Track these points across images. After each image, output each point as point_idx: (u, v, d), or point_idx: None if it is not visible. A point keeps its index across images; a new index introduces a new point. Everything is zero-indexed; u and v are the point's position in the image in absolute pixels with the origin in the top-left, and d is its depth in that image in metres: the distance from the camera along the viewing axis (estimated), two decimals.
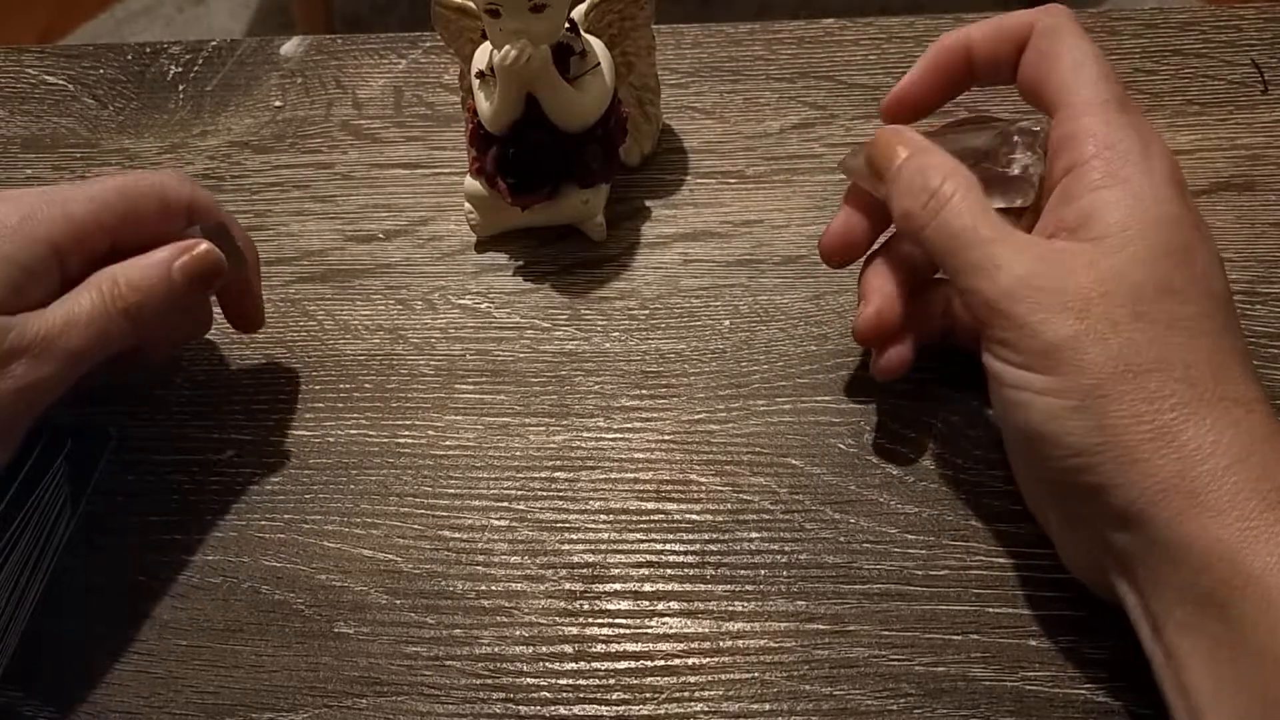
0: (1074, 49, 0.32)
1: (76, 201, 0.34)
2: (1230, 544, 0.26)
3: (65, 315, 0.33)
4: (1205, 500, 0.26)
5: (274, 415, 0.39)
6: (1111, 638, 0.31)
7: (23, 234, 0.32)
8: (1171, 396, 0.27)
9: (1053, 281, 0.29)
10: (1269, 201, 0.42)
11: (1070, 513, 0.31)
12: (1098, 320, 0.28)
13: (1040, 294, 0.29)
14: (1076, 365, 0.28)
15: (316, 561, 0.36)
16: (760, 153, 0.46)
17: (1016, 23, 0.34)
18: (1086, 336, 0.28)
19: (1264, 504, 0.26)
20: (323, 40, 0.53)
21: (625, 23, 0.42)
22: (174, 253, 0.35)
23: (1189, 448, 0.27)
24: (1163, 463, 0.27)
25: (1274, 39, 0.48)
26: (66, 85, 0.52)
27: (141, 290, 0.34)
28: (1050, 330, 0.28)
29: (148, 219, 0.35)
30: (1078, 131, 0.31)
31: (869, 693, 0.32)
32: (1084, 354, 0.28)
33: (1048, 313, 0.28)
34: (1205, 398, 0.27)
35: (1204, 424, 0.27)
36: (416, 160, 0.47)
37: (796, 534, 0.35)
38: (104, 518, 0.37)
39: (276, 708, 0.33)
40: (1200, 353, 0.28)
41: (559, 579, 0.35)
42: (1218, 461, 0.26)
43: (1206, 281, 0.29)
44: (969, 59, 0.35)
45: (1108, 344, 0.28)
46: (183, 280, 0.35)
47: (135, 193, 0.35)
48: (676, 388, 0.39)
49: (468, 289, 0.43)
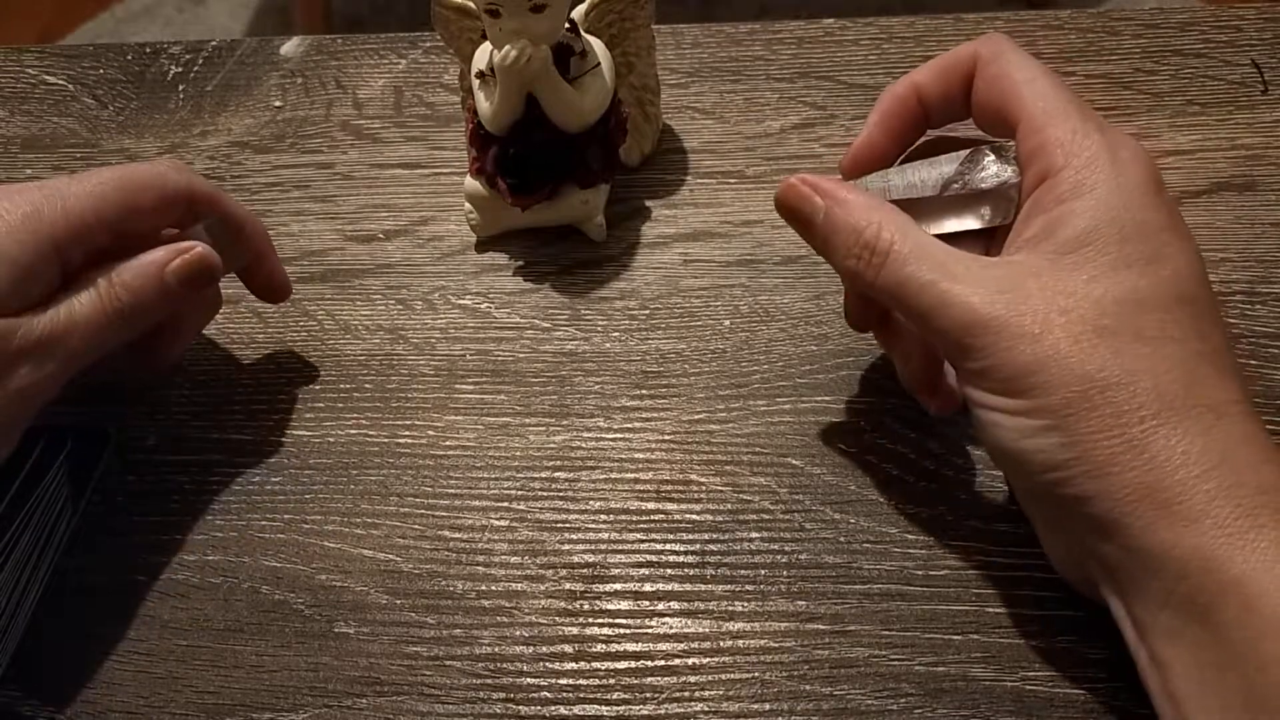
0: (1022, 68, 0.32)
1: (76, 197, 0.34)
2: (1206, 552, 0.26)
3: (68, 316, 0.33)
4: (1179, 509, 0.26)
5: (274, 415, 0.39)
6: (1111, 638, 0.31)
7: (25, 232, 0.32)
8: (1140, 409, 0.27)
9: (1008, 309, 0.28)
10: (1269, 201, 0.42)
11: (1053, 522, 0.31)
12: (1059, 340, 0.28)
13: (997, 324, 0.28)
14: (1042, 387, 0.28)
15: (316, 561, 0.36)
16: (760, 153, 0.46)
17: (959, 57, 0.33)
18: (1049, 359, 0.28)
19: (1239, 510, 0.26)
20: (323, 40, 0.53)
21: (625, 23, 0.42)
22: (168, 255, 0.35)
23: (1159, 458, 0.27)
24: (1134, 474, 0.27)
25: (1274, 39, 0.48)
26: (66, 85, 0.52)
27: (135, 292, 0.34)
28: (1012, 359, 0.28)
29: (147, 210, 0.35)
30: (1045, 142, 0.31)
31: (869, 693, 0.32)
32: (1048, 376, 0.28)
33: (1009, 341, 0.28)
34: (1175, 406, 0.27)
35: (1174, 434, 0.27)
36: (416, 160, 0.47)
37: (797, 534, 0.35)
38: (104, 518, 0.37)
39: (276, 708, 0.33)
40: (1169, 360, 0.28)
41: (559, 579, 0.35)
42: (1189, 470, 0.26)
43: (1175, 285, 0.29)
44: (920, 103, 0.34)
45: (1070, 363, 0.28)
46: (176, 284, 0.35)
47: (134, 185, 0.35)
48: (676, 388, 0.39)
49: (468, 289, 0.43)
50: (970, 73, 0.33)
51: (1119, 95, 0.46)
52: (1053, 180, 0.30)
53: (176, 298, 0.35)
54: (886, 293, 0.31)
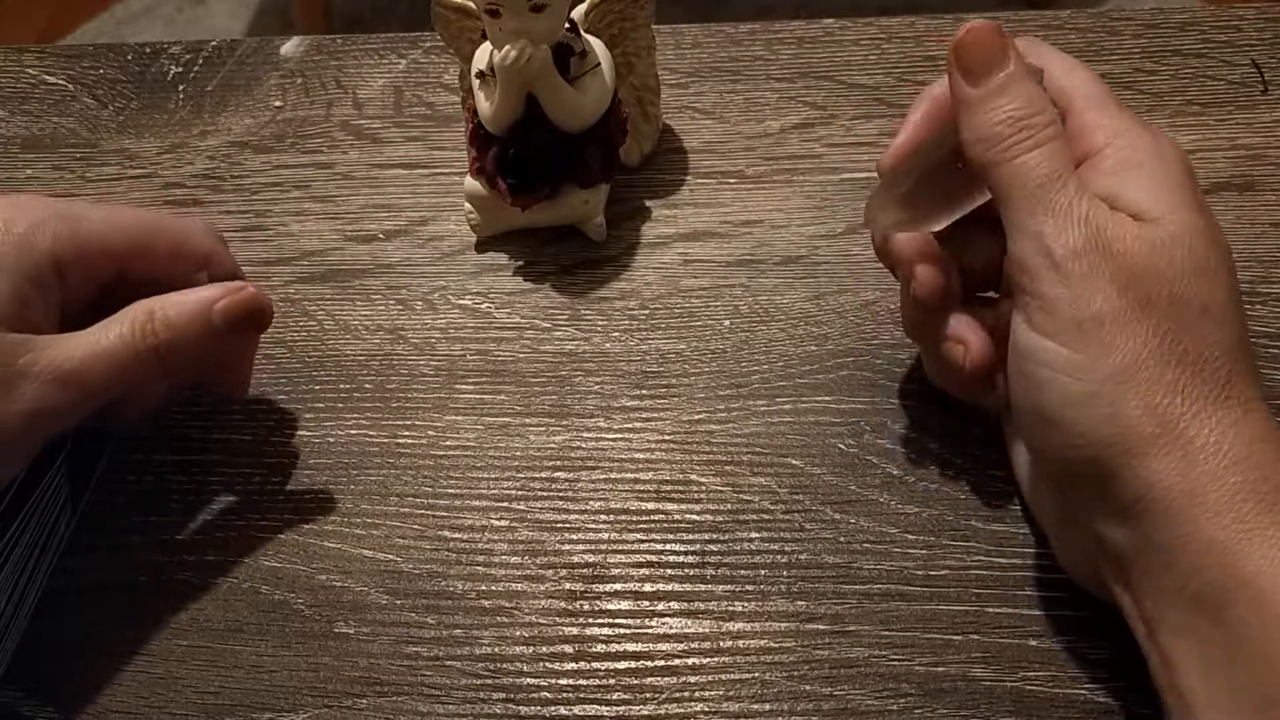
0: (1060, 60, 0.32)
1: (90, 221, 0.33)
2: (1225, 545, 0.25)
3: (88, 346, 0.31)
4: (1204, 500, 0.26)
5: (274, 415, 0.39)
6: (1111, 638, 0.31)
7: (25, 243, 0.32)
8: (1189, 390, 0.27)
9: (1110, 245, 0.28)
10: (1269, 201, 0.42)
11: (1069, 507, 0.30)
12: (1136, 297, 0.27)
13: (1095, 258, 0.28)
14: (1105, 344, 0.27)
15: (316, 561, 0.36)
16: (760, 153, 0.46)
17: None
18: (1121, 314, 0.27)
19: (1260, 505, 0.26)
20: (323, 40, 0.53)
21: (625, 23, 0.42)
22: (218, 293, 0.33)
23: (1194, 445, 0.26)
24: (1169, 460, 0.26)
25: (1274, 39, 0.48)
26: (66, 85, 0.52)
27: (176, 329, 0.32)
28: (1095, 299, 0.27)
29: (158, 257, 0.34)
30: (1084, 125, 0.31)
31: (869, 693, 0.32)
32: (1115, 334, 0.27)
33: (1098, 279, 0.28)
34: (1214, 396, 0.27)
35: (1209, 423, 0.27)
36: (416, 160, 0.47)
37: (796, 534, 0.35)
38: (104, 518, 0.37)
39: (276, 708, 0.33)
40: (1224, 345, 0.27)
41: (559, 579, 0.35)
42: (1218, 462, 0.26)
43: (1225, 273, 0.29)
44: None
45: (1138, 326, 0.27)
46: (223, 324, 0.33)
47: (152, 228, 0.34)
48: (676, 388, 0.39)
49: (468, 289, 0.43)
50: None
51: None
52: (1097, 158, 0.30)
53: (220, 340, 0.33)
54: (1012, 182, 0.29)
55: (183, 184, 0.47)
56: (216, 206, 0.46)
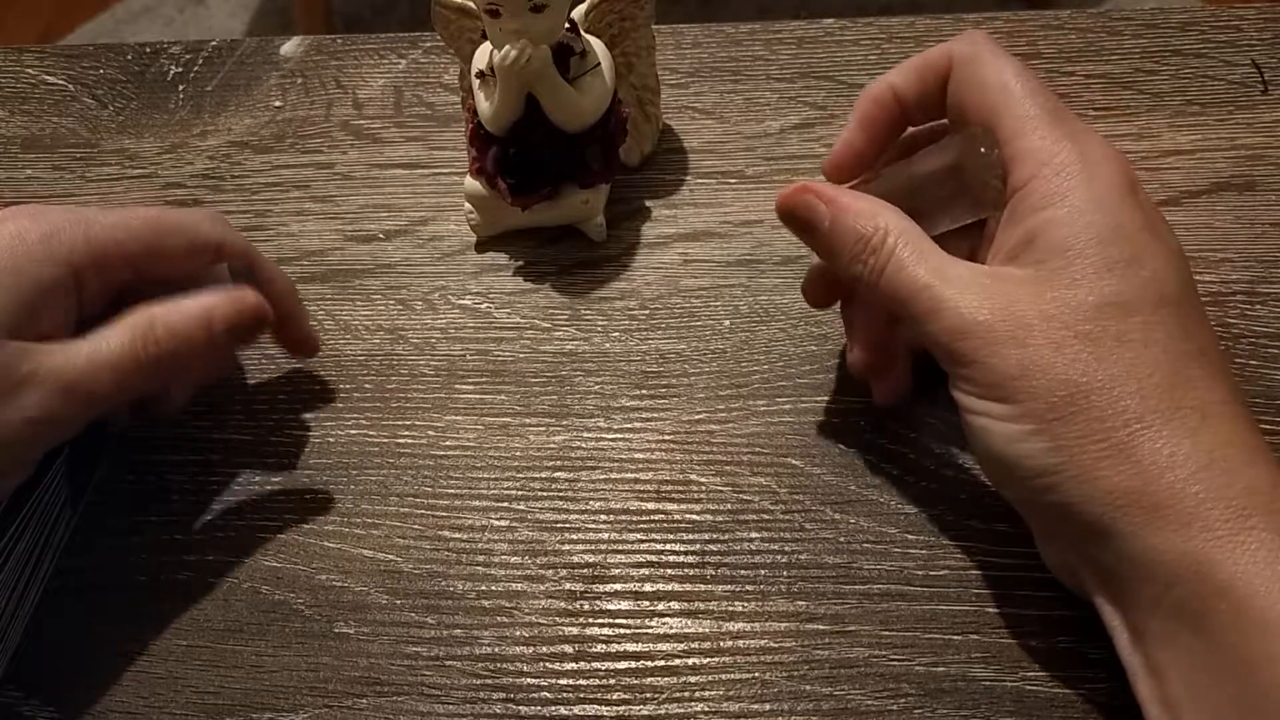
0: (996, 71, 0.32)
1: (102, 226, 0.33)
2: (1197, 556, 0.25)
3: (90, 354, 0.31)
4: (1169, 514, 0.26)
5: (274, 415, 0.39)
6: (1111, 638, 0.31)
7: (42, 252, 0.32)
8: (1124, 414, 0.27)
9: (995, 314, 0.29)
10: (1269, 201, 0.42)
11: (1046, 529, 0.31)
12: (1041, 346, 0.28)
13: (983, 330, 0.29)
14: (1028, 392, 0.28)
15: (316, 561, 0.36)
16: (760, 153, 0.46)
17: (935, 57, 0.33)
18: (1033, 365, 0.28)
19: (1228, 511, 0.26)
20: (323, 40, 0.53)
21: (625, 23, 0.42)
22: (218, 301, 0.33)
23: (1145, 462, 0.27)
24: (1121, 479, 0.27)
25: (1274, 39, 0.48)
26: (66, 85, 0.52)
27: (178, 338, 0.32)
28: (997, 363, 0.28)
29: (174, 255, 0.34)
30: (1015, 154, 0.31)
31: (869, 693, 0.32)
32: (1033, 381, 0.28)
33: (994, 346, 0.28)
34: (1160, 409, 0.27)
35: (1160, 437, 0.27)
36: (416, 160, 0.47)
37: (796, 534, 0.35)
38: (104, 518, 0.37)
39: (276, 708, 0.33)
40: (1152, 363, 0.28)
41: (559, 579, 0.35)
42: (1178, 474, 0.26)
43: (1156, 287, 0.29)
44: (898, 104, 0.34)
45: (1054, 370, 0.28)
46: (224, 333, 0.33)
47: (164, 227, 0.34)
48: (676, 388, 0.39)
49: (468, 289, 0.43)
50: (945, 73, 0.33)
51: (1119, 95, 0.46)
52: (1025, 190, 0.30)
53: (221, 348, 0.34)
54: (887, 295, 0.31)
55: (183, 184, 0.47)
56: (216, 206, 0.46)
